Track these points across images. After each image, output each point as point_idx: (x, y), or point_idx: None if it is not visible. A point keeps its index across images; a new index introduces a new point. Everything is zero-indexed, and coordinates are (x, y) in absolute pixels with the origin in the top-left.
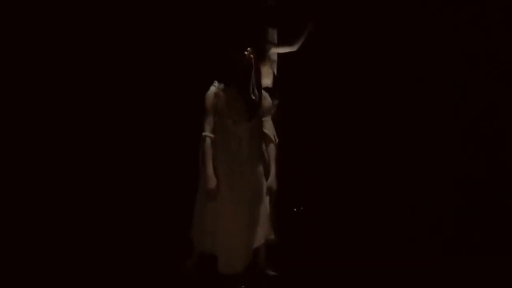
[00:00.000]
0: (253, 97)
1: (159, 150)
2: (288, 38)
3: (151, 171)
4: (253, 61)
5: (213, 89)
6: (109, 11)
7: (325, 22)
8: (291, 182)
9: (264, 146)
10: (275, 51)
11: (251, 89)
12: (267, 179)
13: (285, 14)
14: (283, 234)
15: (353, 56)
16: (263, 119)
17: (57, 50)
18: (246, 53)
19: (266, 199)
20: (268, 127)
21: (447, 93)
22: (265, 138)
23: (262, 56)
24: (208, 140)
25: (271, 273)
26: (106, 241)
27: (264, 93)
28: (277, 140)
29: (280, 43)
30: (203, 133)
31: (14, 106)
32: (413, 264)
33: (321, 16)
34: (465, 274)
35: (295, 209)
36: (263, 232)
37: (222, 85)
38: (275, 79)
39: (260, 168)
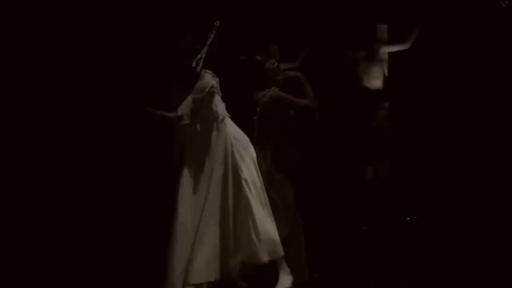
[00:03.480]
0: None
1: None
2: (399, 36)
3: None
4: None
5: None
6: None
7: (437, 19)
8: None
9: None
10: (385, 50)
11: None
12: None
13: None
14: None
15: (467, 54)
16: None
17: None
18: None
19: None
20: None
21: None
22: None
23: (372, 55)
24: None
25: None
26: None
27: None
28: None
29: (391, 42)
30: None
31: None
32: None
33: (434, 13)
34: None
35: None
36: None
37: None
38: (386, 80)
39: None
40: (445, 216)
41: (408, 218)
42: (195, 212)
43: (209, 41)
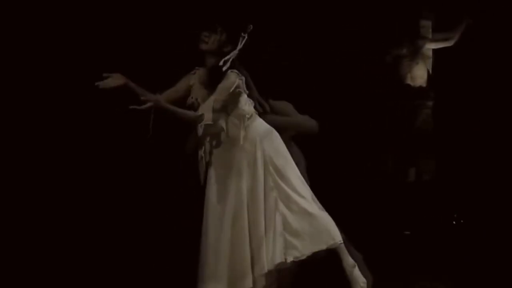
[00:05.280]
0: None
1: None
2: (443, 32)
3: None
4: None
5: None
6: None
7: (484, 15)
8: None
9: None
10: (429, 46)
11: None
12: None
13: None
14: None
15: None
16: None
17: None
18: None
19: None
20: None
21: None
22: None
23: (415, 52)
24: None
25: None
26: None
27: None
28: None
29: (435, 38)
30: None
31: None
32: None
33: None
34: None
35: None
36: None
37: None
38: (430, 78)
39: None
40: (492, 219)
41: (454, 222)
42: (223, 216)
43: (240, 45)
